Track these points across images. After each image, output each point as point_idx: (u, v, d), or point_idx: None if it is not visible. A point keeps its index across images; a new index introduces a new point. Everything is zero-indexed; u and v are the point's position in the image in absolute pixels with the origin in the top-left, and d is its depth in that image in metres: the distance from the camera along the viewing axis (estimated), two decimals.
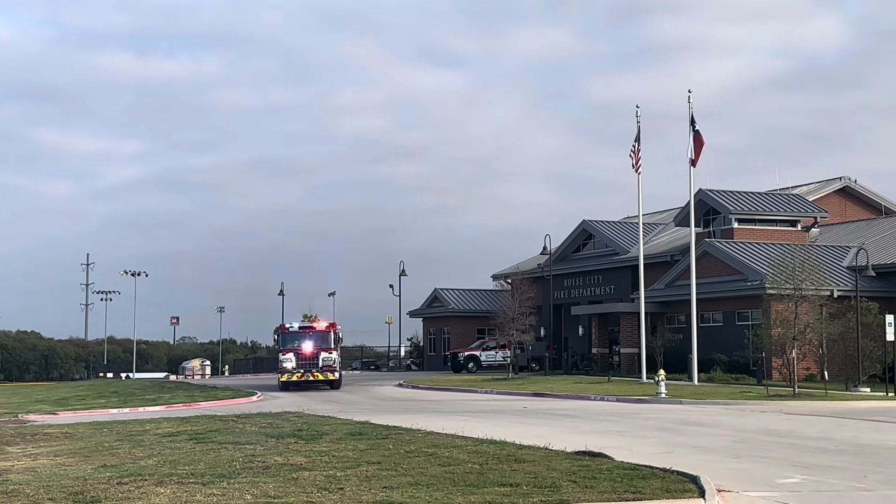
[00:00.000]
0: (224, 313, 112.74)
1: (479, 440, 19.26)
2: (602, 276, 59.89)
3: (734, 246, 49.20)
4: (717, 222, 53.75)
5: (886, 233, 51.18)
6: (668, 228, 60.48)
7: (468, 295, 71.51)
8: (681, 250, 52.33)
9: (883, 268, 44.54)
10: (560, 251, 62.62)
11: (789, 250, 42.33)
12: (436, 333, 72.61)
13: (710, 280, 47.47)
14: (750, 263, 46.63)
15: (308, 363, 44.88)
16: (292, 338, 45.71)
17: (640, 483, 14.05)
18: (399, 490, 13.49)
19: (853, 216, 58.36)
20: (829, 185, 60.52)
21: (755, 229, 52.38)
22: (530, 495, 13.14)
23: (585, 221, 62.99)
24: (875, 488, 15.01)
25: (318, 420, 24.89)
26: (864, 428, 24.56)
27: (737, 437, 22.25)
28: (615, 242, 59.64)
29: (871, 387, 37.61)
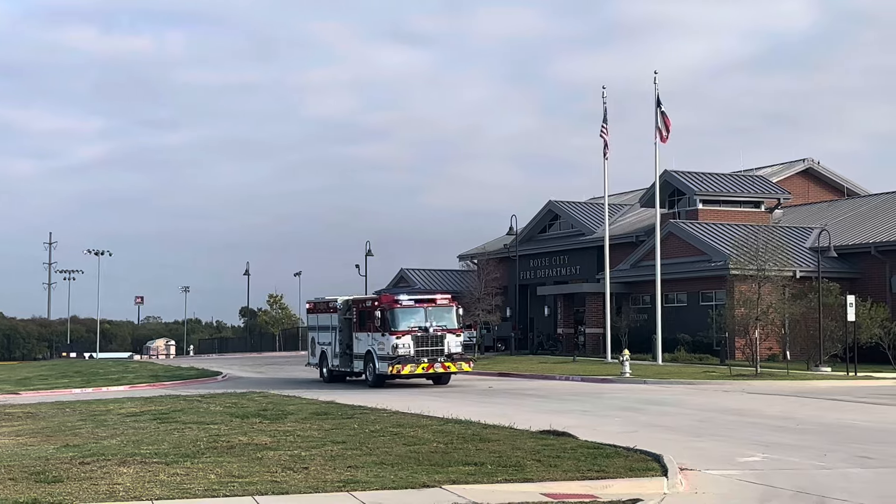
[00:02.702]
0: (189, 293, 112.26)
1: (444, 420, 19.32)
2: (568, 256, 60.08)
3: (699, 227, 49.49)
4: (682, 203, 54.01)
5: (848, 214, 51.67)
6: (633, 209, 60.71)
7: (434, 275, 71.48)
8: (646, 231, 52.57)
9: (845, 249, 44.98)
10: (526, 232, 62.71)
11: (753, 231, 42.61)
12: None
13: (675, 261, 47.75)
14: (714, 244, 46.94)
15: (433, 350, 32.74)
16: (405, 315, 32.95)
17: (603, 462, 14.16)
18: (364, 469, 13.51)
19: (816, 198, 58.85)
20: (793, 167, 60.96)
21: (720, 210, 52.68)
22: (495, 474, 13.21)
23: (551, 202, 63.07)
24: (835, 466, 15.20)
25: (283, 400, 24.86)
26: (825, 407, 24.85)
27: (700, 416, 22.45)
28: (581, 223, 59.80)
29: (832, 366, 38.03)
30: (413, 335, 32.41)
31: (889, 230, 46.09)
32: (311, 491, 12.10)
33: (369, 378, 33.49)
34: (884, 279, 44.29)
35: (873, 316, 39.61)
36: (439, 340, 32.72)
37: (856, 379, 34.32)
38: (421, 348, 32.52)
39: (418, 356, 32.38)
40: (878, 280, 44.47)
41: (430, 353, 32.60)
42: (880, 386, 32.63)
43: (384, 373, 32.42)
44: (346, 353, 35.33)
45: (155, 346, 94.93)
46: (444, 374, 32.85)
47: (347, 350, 35.25)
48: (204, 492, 11.99)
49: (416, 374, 32.39)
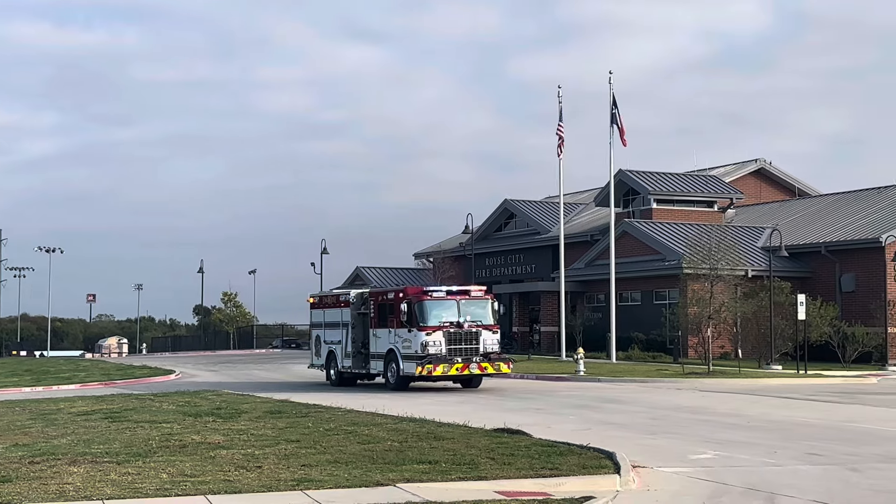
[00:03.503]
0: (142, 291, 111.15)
1: (398, 418, 19.31)
2: (523, 255, 60.30)
3: (653, 226, 49.88)
4: (637, 202, 54.42)
5: (799, 214, 52.34)
6: (588, 208, 61.07)
7: (390, 273, 71.43)
8: (601, 230, 52.90)
9: (795, 248, 45.55)
10: (482, 230, 62.85)
11: (706, 231, 43.06)
12: None
13: (630, 259, 48.08)
14: (668, 243, 47.33)
15: (467, 349, 28.74)
16: (436, 308, 28.84)
17: (557, 460, 14.22)
18: (318, 468, 13.47)
19: (768, 197, 59.55)
20: (746, 167, 61.65)
21: (673, 210, 53.16)
22: (449, 472, 13.22)
23: (507, 201, 63.29)
24: (785, 463, 15.39)
25: (237, 398, 24.71)
26: (776, 405, 25.16)
27: (652, 413, 22.63)
28: (536, 222, 60.06)
29: (783, 364, 38.52)
30: (445, 331, 28.41)
31: (839, 230, 46.75)
32: (264, 490, 12.04)
33: (391, 380, 29.42)
34: (833, 278, 44.94)
35: (823, 315, 40.18)
36: (474, 337, 28.70)
37: (806, 377, 34.77)
38: (454, 346, 28.48)
39: (451, 355, 28.29)
40: (828, 279, 45.10)
41: (464, 351, 28.53)
42: (830, 384, 33.09)
43: (410, 374, 28.52)
44: (361, 353, 31.31)
45: (107, 344, 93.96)
46: (478, 376, 29.09)
47: (362, 349, 31.27)
48: (156, 491, 11.89)
49: (448, 375, 28.52)
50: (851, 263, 44.48)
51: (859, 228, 45.77)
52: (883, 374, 36.54)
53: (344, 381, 32.21)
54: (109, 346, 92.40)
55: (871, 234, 43.90)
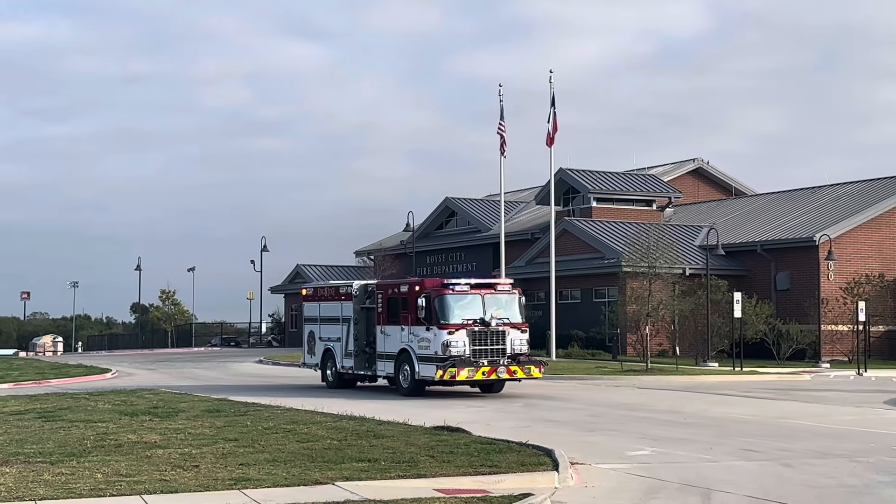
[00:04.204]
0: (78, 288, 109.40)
1: (338, 416, 19.25)
2: (464, 253, 60.43)
3: (592, 224, 50.27)
4: (577, 201, 54.81)
5: (736, 213, 53.08)
6: (529, 206, 61.37)
7: (331, 271, 71.22)
8: (541, 228, 53.19)
9: (732, 247, 46.18)
10: (423, 228, 62.87)
11: (644, 229, 43.47)
12: (297, 310, 71.95)
13: (570, 258, 48.41)
14: (607, 242, 47.73)
15: (493, 350, 25.58)
16: (458, 304, 25.65)
17: (496, 457, 14.28)
18: (256, 467, 13.38)
19: (705, 196, 60.31)
20: (684, 167, 62.39)
21: (613, 208, 53.62)
22: (388, 471, 13.21)
23: (448, 199, 63.41)
24: (720, 459, 15.60)
25: (175, 397, 24.44)
26: (712, 401, 25.49)
27: (591, 411, 22.81)
28: (477, 220, 60.23)
29: (719, 362, 39.05)
30: (468, 330, 25.26)
31: (774, 229, 47.50)
32: (201, 489, 11.93)
33: (403, 384, 26.38)
34: (769, 277, 45.65)
35: (758, 312, 40.81)
36: (501, 337, 25.59)
37: (741, 374, 35.28)
38: (478, 347, 25.31)
39: (475, 357, 25.19)
40: (764, 277, 45.81)
41: (490, 353, 25.43)
42: (764, 380, 33.62)
43: (428, 377, 25.52)
44: (365, 352, 28.26)
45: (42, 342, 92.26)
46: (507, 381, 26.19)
47: (367, 348, 28.22)
48: (90, 491, 11.72)
49: (473, 380, 25.57)
50: (786, 262, 45.21)
51: (794, 228, 46.54)
52: (816, 371, 37.21)
53: (344, 383, 29.25)
54: (44, 345, 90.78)
55: (805, 233, 44.66)
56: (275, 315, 78.72)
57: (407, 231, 58.47)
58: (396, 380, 26.75)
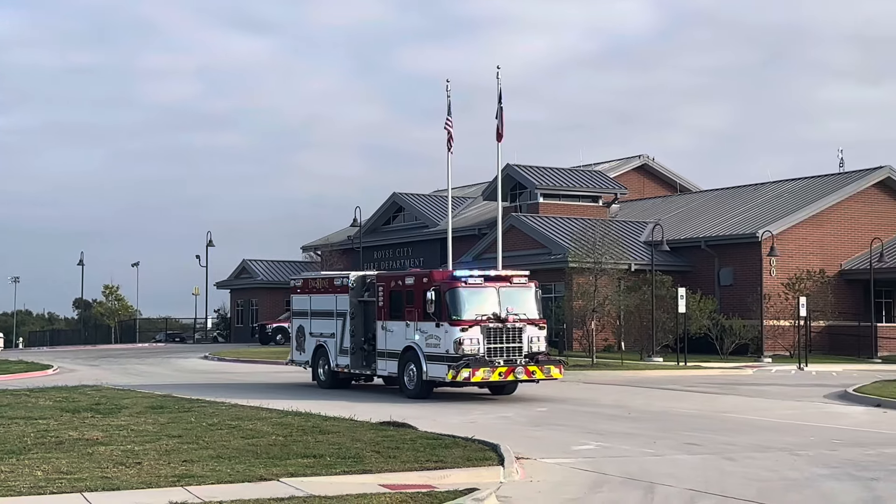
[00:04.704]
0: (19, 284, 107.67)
1: (283, 412, 19.16)
2: (412, 248, 60.41)
3: (539, 220, 50.49)
4: (524, 197, 55.02)
5: (681, 209, 53.60)
6: (476, 202, 61.48)
7: (277, 266, 70.81)
8: (488, 224, 53.31)
9: (677, 243, 46.63)
10: (370, 223, 62.75)
11: (591, 225, 43.78)
12: (244, 305, 71.60)
13: (517, 253, 48.56)
14: (554, 237, 47.97)
15: (510, 348, 23.59)
16: (471, 297, 23.66)
17: (442, 452, 14.31)
18: (200, 463, 13.28)
19: (651, 193, 60.83)
20: (630, 163, 62.85)
21: (560, 204, 53.88)
22: (333, 466, 13.19)
23: (396, 194, 63.33)
24: (664, 453, 15.77)
25: (118, 393, 24.16)
26: (656, 396, 25.75)
27: (538, 405, 22.93)
28: (425, 215, 60.24)
29: (664, 356, 39.43)
30: (483, 327, 23.21)
31: (718, 225, 48.04)
32: (143, 486, 11.80)
33: (408, 384, 24.38)
34: (713, 272, 46.15)
35: (702, 308, 41.25)
36: (518, 335, 23.57)
37: (686, 369, 35.67)
38: (494, 345, 23.29)
39: (491, 356, 23.16)
40: (708, 273, 46.31)
41: (506, 352, 23.43)
42: (708, 375, 34.02)
43: (437, 378, 23.54)
44: (363, 349, 26.29)
45: None
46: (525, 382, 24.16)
47: (365, 345, 26.24)
48: (30, 489, 11.55)
49: (489, 381, 23.41)
50: (730, 258, 45.75)
51: (737, 224, 47.11)
52: (758, 366, 37.72)
53: (339, 382, 27.32)
54: None
55: (748, 229, 45.22)
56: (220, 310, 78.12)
57: (354, 226, 58.27)
58: (400, 380, 24.68)
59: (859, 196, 46.94)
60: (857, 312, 44.30)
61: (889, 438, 17.60)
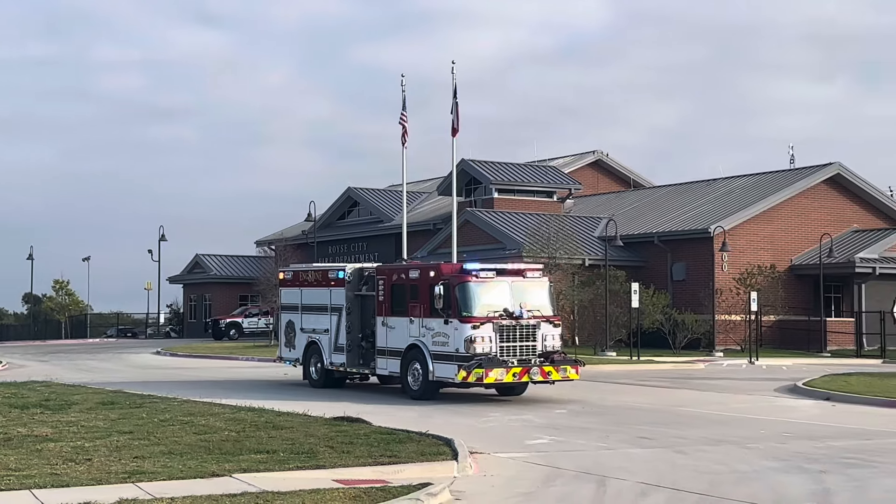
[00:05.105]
0: None
1: (237, 407, 19.04)
2: (367, 243, 60.30)
3: (494, 215, 50.59)
4: (479, 192, 55.10)
5: (634, 205, 53.96)
6: (432, 197, 61.47)
7: (231, 261, 70.37)
8: (444, 219, 53.32)
9: (630, 238, 46.93)
10: (325, 218, 62.54)
11: (545, 220, 43.92)
12: (197, 300, 71.08)
13: (472, 248, 48.57)
14: (508, 232, 48.09)
15: (524, 347, 22.19)
16: (482, 292, 22.25)
17: (396, 447, 14.29)
18: (151, 460, 13.16)
19: (605, 188, 61.16)
20: (584, 159, 63.14)
21: (514, 199, 54.01)
22: (287, 462, 13.13)
23: (350, 189, 63.17)
24: (617, 447, 15.88)
25: (68, 389, 23.86)
26: (609, 390, 25.91)
27: (492, 400, 22.97)
28: (380, 210, 60.14)
29: (618, 351, 39.70)
30: (495, 324, 21.79)
31: (670, 221, 48.43)
32: (94, 483, 11.67)
33: (412, 385, 22.88)
34: (666, 267, 46.51)
35: (655, 302, 41.58)
36: (532, 332, 22.22)
37: (639, 363, 35.92)
38: (507, 344, 21.89)
39: (504, 355, 21.77)
40: (661, 268, 46.67)
41: (520, 350, 22.03)
42: (660, 369, 34.28)
43: (446, 379, 22.08)
44: (361, 347, 24.91)
45: None
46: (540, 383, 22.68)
47: (363, 342, 24.87)
48: None
49: (503, 382, 21.98)
50: (682, 253, 46.14)
51: (689, 219, 47.51)
52: (710, 360, 38.08)
53: (333, 381, 25.93)
54: None
55: (700, 224, 45.62)
56: (173, 305, 77.49)
57: (309, 221, 58.02)
58: (403, 380, 23.22)
59: (809, 192, 47.53)
60: (807, 307, 44.87)
61: (838, 431, 17.86)
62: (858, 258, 44.15)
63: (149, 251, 74.63)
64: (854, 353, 41.37)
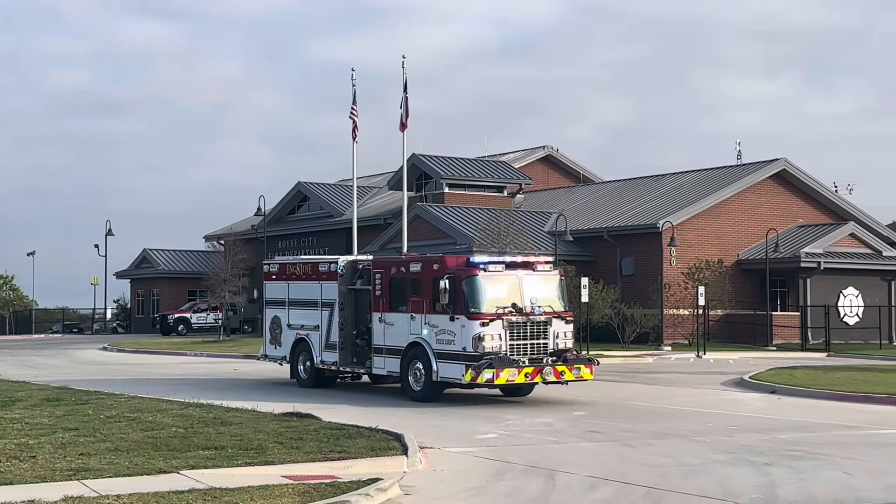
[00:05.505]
0: None
1: (184, 403, 18.88)
2: (317, 237, 60.05)
3: (445, 210, 50.61)
4: (430, 187, 55.10)
5: (584, 200, 54.24)
6: (382, 192, 61.37)
7: (179, 256, 69.77)
8: (394, 213, 53.24)
9: (580, 233, 47.17)
10: (275, 212, 62.19)
11: (496, 215, 44.00)
12: (144, 295, 70.38)
13: (422, 243, 48.59)
14: (459, 227, 48.12)
15: (535, 345, 20.90)
16: (492, 287, 20.96)
17: (346, 442, 14.26)
18: (97, 456, 13.01)
19: (555, 183, 61.42)
20: (534, 154, 63.38)
21: (465, 194, 54.07)
22: (235, 458, 13.04)
23: (301, 183, 62.90)
24: (566, 441, 15.96)
25: (12, 386, 23.52)
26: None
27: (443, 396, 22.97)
28: (330, 205, 59.95)
29: None
30: (505, 320, 20.51)
31: (619, 216, 48.75)
32: (38, 480, 11.51)
33: (414, 385, 21.54)
34: (615, 262, 46.82)
35: (605, 297, 41.83)
36: (543, 329, 20.94)
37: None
38: (517, 342, 20.59)
39: (514, 354, 20.49)
40: (610, 263, 46.98)
41: (531, 349, 20.74)
42: (610, 363, 34.44)
43: (452, 379, 20.79)
44: (356, 344, 23.62)
45: None
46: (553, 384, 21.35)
47: (358, 339, 23.59)
48: None
49: (514, 383, 20.67)
50: (631, 248, 46.46)
51: (638, 215, 47.86)
52: (658, 354, 38.42)
53: (323, 381, 24.59)
54: None
55: (649, 220, 45.97)
56: (120, 301, 76.64)
57: (258, 215, 57.63)
58: (404, 380, 21.87)
59: (756, 188, 48.08)
60: (754, 301, 45.41)
61: (783, 424, 18.10)
62: (804, 253, 44.75)
63: (95, 246, 73.76)
64: (799, 347, 41.94)
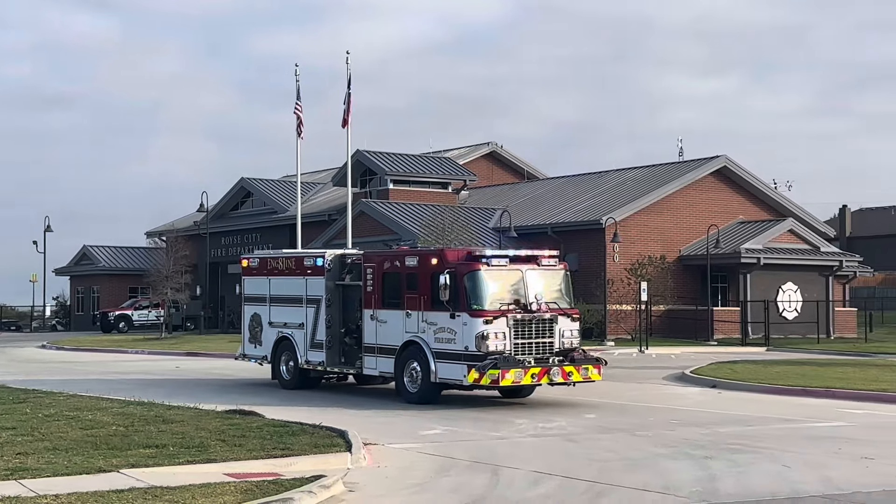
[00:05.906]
0: None
1: (125, 402, 18.67)
2: (260, 234, 59.67)
3: (389, 206, 50.54)
4: (374, 183, 54.99)
5: (528, 196, 54.47)
6: (326, 188, 61.13)
7: (120, 252, 68.97)
8: (338, 210, 53.06)
9: (524, 229, 47.35)
10: (218, 209, 61.69)
11: (440, 211, 44.03)
12: (84, 292, 69.44)
13: (367, 239, 48.45)
14: (403, 223, 48.09)
15: (541, 344, 19.68)
16: (496, 282, 19.77)
17: (289, 440, 14.19)
18: (35, 456, 12.82)
19: (499, 180, 61.60)
20: (479, 150, 63.52)
21: (409, 190, 54.04)
22: (177, 456, 12.92)
23: (244, 179, 62.47)
24: (509, 436, 16.04)
25: None
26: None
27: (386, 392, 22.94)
28: (274, 201, 59.60)
29: None
30: (510, 318, 19.28)
31: (563, 212, 49.03)
32: None
33: (409, 387, 20.26)
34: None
35: None
36: (549, 328, 19.77)
37: None
38: (522, 341, 19.41)
39: (519, 353, 19.31)
40: None
41: (536, 348, 19.54)
42: None
43: (452, 381, 19.55)
44: (344, 343, 22.30)
45: None
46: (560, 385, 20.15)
47: (347, 338, 22.25)
48: None
49: (521, 384, 19.51)
50: (575, 244, 46.71)
51: (582, 211, 48.17)
52: (602, 349, 38.57)
53: (306, 382, 23.21)
54: None
55: (592, 216, 46.29)
56: (60, 298, 75.51)
57: (201, 212, 57.13)
58: (398, 381, 20.63)
59: (697, 184, 48.61)
60: (695, 297, 45.91)
61: (723, 418, 18.33)
62: (744, 249, 45.36)
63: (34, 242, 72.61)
64: (740, 342, 42.50)
